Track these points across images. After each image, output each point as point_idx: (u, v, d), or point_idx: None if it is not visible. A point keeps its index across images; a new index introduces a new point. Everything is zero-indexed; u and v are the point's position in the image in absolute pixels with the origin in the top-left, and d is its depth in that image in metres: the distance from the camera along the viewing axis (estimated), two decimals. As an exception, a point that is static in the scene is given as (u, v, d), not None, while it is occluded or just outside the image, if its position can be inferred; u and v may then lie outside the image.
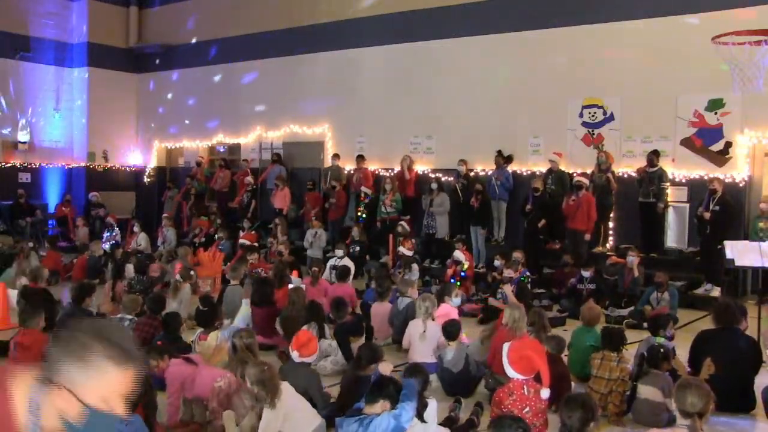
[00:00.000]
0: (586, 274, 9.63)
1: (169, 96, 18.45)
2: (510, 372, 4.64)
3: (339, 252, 10.93)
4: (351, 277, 9.63)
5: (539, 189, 11.49)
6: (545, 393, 4.44)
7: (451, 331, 6.19)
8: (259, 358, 5.59)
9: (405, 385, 4.19)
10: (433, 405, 4.63)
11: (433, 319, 6.78)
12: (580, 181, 11.03)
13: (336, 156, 14.54)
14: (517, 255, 10.03)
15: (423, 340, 6.63)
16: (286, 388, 4.66)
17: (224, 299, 8.50)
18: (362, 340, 6.81)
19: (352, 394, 4.98)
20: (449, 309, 7.50)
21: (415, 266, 10.59)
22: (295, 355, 5.37)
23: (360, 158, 14.10)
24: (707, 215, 9.96)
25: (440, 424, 5.00)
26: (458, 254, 10.49)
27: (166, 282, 9.88)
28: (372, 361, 5.13)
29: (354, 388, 5.07)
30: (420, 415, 4.45)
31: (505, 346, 4.76)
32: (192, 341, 6.40)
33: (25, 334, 6.15)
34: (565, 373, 5.76)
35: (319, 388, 5.43)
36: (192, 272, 9.28)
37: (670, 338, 6.18)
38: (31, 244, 11.65)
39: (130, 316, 6.94)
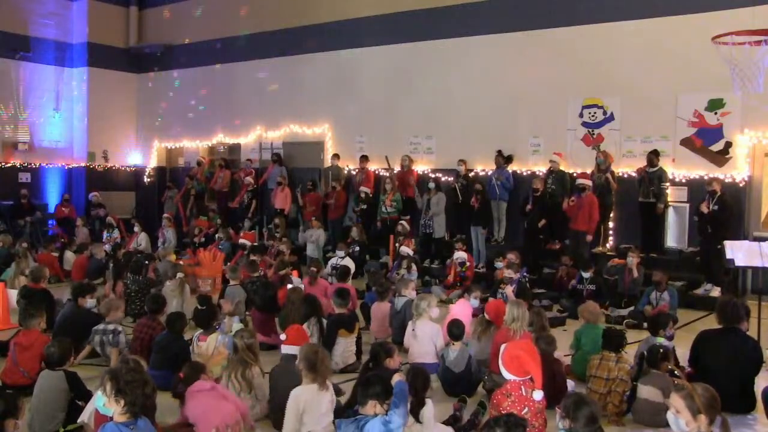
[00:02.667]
0: (587, 274, 9.63)
1: (170, 96, 18.45)
2: (504, 373, 4.63)
3: (340, 252, 10.94)
4: (350, 276, 9.62)
5: (539, 189, 11.48)
6: (537, 395, 4.44)
7: (455, 332, 6.18)
8: (260, 358, 5.60)
9: (395, 390, 4.15)
10: (429, 406, 4.62)
11: (432, 318, 6.78)
12: (583, 183, 11.01)
13: (335, 156, 14.54)
14: (511, 256, 10.02)
15: (415, 340, 6.64)
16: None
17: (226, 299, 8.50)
18: (352, 337, 6.81)
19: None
20: (468, 308, 7.56)
21: (413, 266, 10.58)
22: (289, 349, 5.36)
23: (364, 158, 14.10)
24: (705, 209, 9.96)
25: (444, 423, 5.01)
26: (461, 254, 10.50)
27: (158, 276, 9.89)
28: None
29: None
30: (416, 415, 4.44)
31: (502, 348, 4.76)
32: (191, 341, 6.39)
33: (24, 334, 6.16)
34: (559, 371, 5.74)
35: None
36: (180, 274, 9.07)
37: (670, 338, 6.18)
38: (25, 245, 11.61)
39: (112, 326, 6.73)
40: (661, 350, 5.49)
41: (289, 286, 8.45)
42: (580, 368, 6.35)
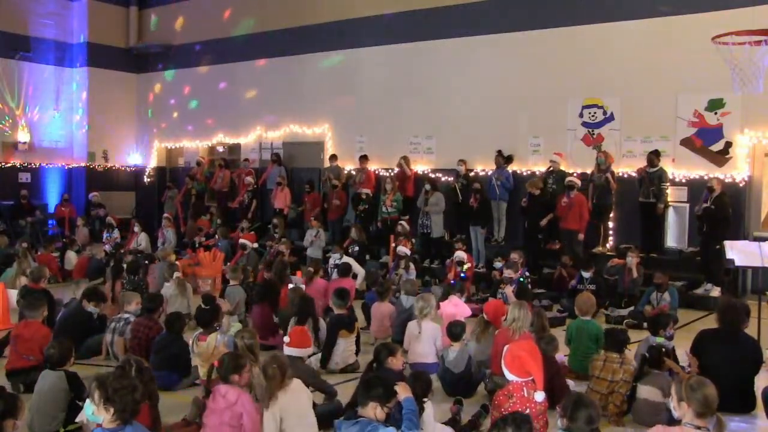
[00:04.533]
0: (587, 274, 9.62)
1: (170, 96, 18.44)
2: (506, 374, 4.63)
3: (336, 255, 10.91)
4: (352, 274, 9.59)
5: (535, 194, 11.43)
6: (538, 396, 4.43)
7: (455, 332, 6.18)
8: (260, 358, 5.60)
9: (406, 408, 4.10)
10: (428, 410, 4.61)
11: (437, 318, 6.79)
12: (572, 181, 11.04)
13: (334, 156, 14.53)
14: (514, 256, 10.03)
15: (418, 340, 6.64)
16: (294, 389, 4.60)
17: (224, 299, 8.50)
18: (352, 337, 6.81)
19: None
20: (462, 306, 7.56)
21: (411, 265, 10.57)
22: (292, 351, 5.36)
23: (364, 158, 14.09)
24: (699, 208, 10.01)
25: (444, 424, 5.00)
26: (461, 254, 10.50)
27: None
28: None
29: None
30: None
31: (505, 349, 4.75)
32: (192, 341, 6.39)
33: (26, 325, 6.15)
34: (559, 372, 5.74)
35: (320, 378, 5.51)
36: (177, 274, 9.12)
37: (670, 338, 6.17)
38: (25, 245, 11.62)
39: (126, 316, 6.80)
40: (663, 350, 5.49)
41: (290, 286, 8.45)
42: (576, 364, 6.38)
